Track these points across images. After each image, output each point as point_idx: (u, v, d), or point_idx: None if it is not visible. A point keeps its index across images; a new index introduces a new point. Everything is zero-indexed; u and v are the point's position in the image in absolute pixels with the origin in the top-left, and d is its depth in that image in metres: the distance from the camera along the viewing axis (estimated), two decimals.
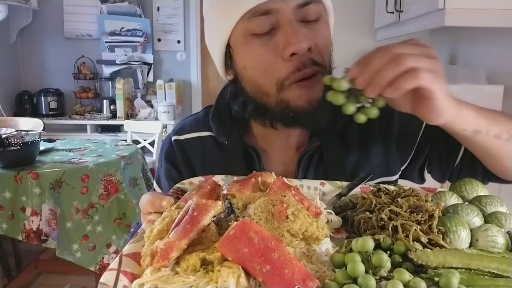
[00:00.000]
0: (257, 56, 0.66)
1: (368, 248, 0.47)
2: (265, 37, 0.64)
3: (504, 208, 0.61)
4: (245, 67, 0.69)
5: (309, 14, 0.64)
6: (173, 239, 0.45)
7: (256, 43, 0.65)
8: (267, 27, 0.64)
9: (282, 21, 0.63)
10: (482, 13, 1.75)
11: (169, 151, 0.85)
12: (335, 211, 0.67)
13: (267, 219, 0.50)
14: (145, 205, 0.60)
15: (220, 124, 0.80)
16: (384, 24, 2.72)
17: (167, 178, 0.84)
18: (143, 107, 3.37)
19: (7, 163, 1.86)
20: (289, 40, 0.62)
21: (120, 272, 0.44)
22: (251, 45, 0.66)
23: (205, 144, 0.82)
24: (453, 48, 2.56)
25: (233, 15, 0.65)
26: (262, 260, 0.42)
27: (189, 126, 0.85)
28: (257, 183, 0.63)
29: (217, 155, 0.81)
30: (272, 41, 0.64)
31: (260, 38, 0.65)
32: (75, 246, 1.88)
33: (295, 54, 0.63)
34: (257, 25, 0.64)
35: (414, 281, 0.42)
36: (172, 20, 3.51)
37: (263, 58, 0.65)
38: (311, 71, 0.65)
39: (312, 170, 0.77)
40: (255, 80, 0.69)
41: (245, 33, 0.65)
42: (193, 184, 0.70)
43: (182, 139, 0.84)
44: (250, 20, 0.64)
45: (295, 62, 0.64)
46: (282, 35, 0.63)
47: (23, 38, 3.52)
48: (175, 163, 0.84)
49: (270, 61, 0.65)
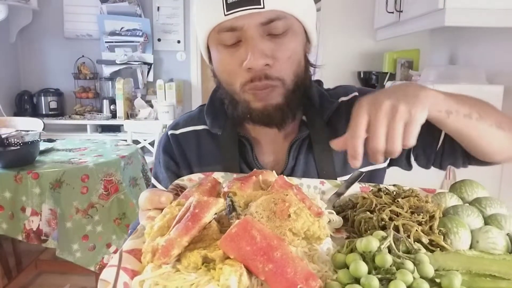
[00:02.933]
0: (224, 64, 0.74)
1: (372, 248, 0.46)
2: (232, 48, 0.71)
3: (503, 209, 0.61)
4: (217, 69, 0.77)
5: (274, 29, 0.69)
6: (174, 236, 0.45)
7: (224, 53, 0.73)
8: (234, 40, 0.70)
9: (245, 36, 0.69)
10: (482, 13, 1.75)
11: (166, 145, 0.89)
12: (335, 210, 0.67)
13: (269, 217, 0.49)
14: (144, 202, 0.60)
15: (215, 117, 0.84)
16: (384, 24, 2.72)
17: (166, 169, 0.87)
18: (143, 107, 3.37)
19: (7, 163, 1.86)
20: (247, 56, 0.69)
21: (120, 269, 0.44)
22: (220, 54, 0.74)
23: (200, 137, 0.86)
24: (453, 48, 2.56)
25: (205, 27, 0.73)
26: (265, 258, 0.41)
27: (184, 121, 0.90)
28: (258, 181, 0.63)
29: (212, 146, 0.85)
30: (237, 53, 0.71)
31: (228, 48, 0.72)
32: (75, 246, 1.88)
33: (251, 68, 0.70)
34: (225, 38, 0.71)
35: (417, 282, 0.42)
36: (172, 20, 3.51)
37: (229, 66, 0.73)
38: (262, 85, 0.72)
39: (301, 158, 0.81)
40: (224, 80, 0.77)
41: (216, 42, 0.73)
42: (193, 180, 0.70)
43: (178, 133, 0.88)
44: (219, 33, 0.71)
45: (251, 74, 0.71)
46: (243, 49, 0.70)
47: (23, 38, 3.52)
48: (173, 156, 0.87)
49: (234, 70, 0.73)
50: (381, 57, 3.03)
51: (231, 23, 0.68)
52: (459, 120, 0.64)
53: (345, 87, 0.88)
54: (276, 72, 0.71)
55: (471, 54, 2.33)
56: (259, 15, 0.67)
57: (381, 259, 0.45)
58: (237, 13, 0.67)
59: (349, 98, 0.85)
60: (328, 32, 2.97)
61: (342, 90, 0.87)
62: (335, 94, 0.86)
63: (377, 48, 3.09)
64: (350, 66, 3.11)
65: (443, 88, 2.11)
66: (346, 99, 0.85)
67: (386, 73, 2.82)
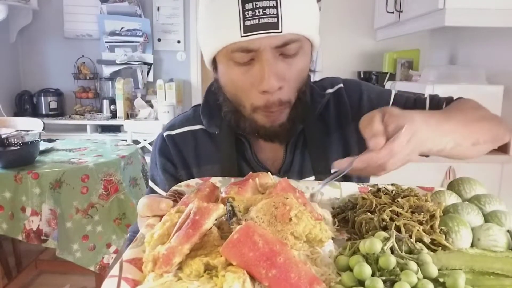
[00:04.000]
0: (235, 81, 0.73)
1: (375, 249, 0.46)
2: (245, 66, 0.70)
3: (503, 206, 0.61)
4: (225, 84, 0.76)
5: (288, 51, 0.69)
6: (175, 244, 0.44)
7: (236, 71, 0.71)
8: (247, 59, 0.69)
9: (260, 57, 0.68)
10: (482, 13, 1.75)
11: (162, 147, 0.88)
12: (335, 211, 0.67)
13: (270, 222, 0.49)
14: (143, 209, 0.59)
15: (211, 116, 0.85)
16: (384, 24, 2.72)
17: (163, 171, 0.87)
18: (143, 107, 3.36)
19: (7, 163, 1.85)
20: (263, 79, 0.68)
21: (121, 279, 0.43)
22: (231, 71, 0.72)
23: (197, 136, 0.86)
24: (453, 48, 2.56)
25: (216, 44, 0.71)
26: (268, 264, 0.41)
27: (179, 122, 0.89)
28: (255, 184, 0.63)
29: (209, 145, 0.85)
30: (250, 72, 0.70)
31: (240, 66, 0.70)
32: (75, 246, 1.88)
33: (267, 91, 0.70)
34: (238, 57, 0.69)
35: (422, 283, 0.42)
36: (172, 20, 3.51)
37: (241, 85, 0.72)
38: (276, 110, 0.73)
39: (298, 153, 0.83)
40: (232, 96, 0.76)
41: (227, 58, 0.71)
42: (190, 186, 0.70)
43: (174, 134, 0.88)
44: (232, 52, 0.69)
45: (265, 98, 0.71)
46: (259, 70, 0.69)
47: (23, 38, 3.52)
48: (169, 157, 0.87)
49: (247, 89, 0.72)
50: (381, 57, 3.03)
51: (247, 44, 0.67)
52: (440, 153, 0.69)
53: (331, 79, 0.90)
54: (286, 95, 0.73)
55: (471, 54, 2.33)
56: (276, 38, 0.67)
57: (385, 261, 0.44)
58: (254, 36, 0.66)
59: (335, 89, 0.87)
60: (328, 32, 2.97)
61: (328, 82, 0.89)
62: (321, 86, 0.87)
63: (377, 48, 3.09)
64: (350, 66, 3.11)
65: (443, 88, 2.11)
66: (332, 91, 0.87)
67: (386, 73, 2.82)
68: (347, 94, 0.87)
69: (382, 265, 0.45)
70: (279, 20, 0.65)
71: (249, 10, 0.65)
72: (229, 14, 0.66)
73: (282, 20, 0.66)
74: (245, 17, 0.65)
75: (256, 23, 0.65)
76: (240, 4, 0.66)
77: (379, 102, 0.86)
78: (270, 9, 0.66)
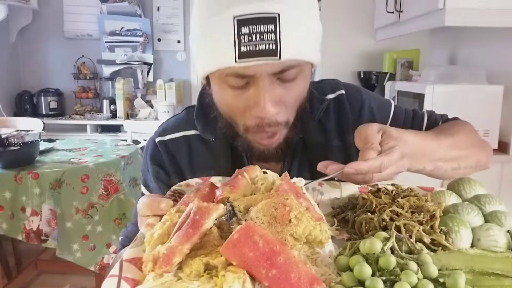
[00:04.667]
0: (229, 104, 0.69)
1: (376, 250, 0.46)
2: (240, 90, 0.66)
3: (502, 206, 0.61)
4: (218, 102, 0.73)
5: (286, 76, 0.65)
6: (175, 244, 0.44)
7: (229, 93, 0.68)
8: (242, 83, 0.65)
9: (256, 82, 0.64)
10: (482, 13, 1.75)
11: (154, 153, 0.84)
12: (335, 211, 0.67)
13: (269, 223, 0.49)
14: (143, 208, 0.59)
15: (205, 123, 0.81)
16: (384, 24, 2.72)
17: (156, 179, 0.84)
18: (143, 107, 3.36)
19: (7, 163, 1.85)
20: (259, 105, 0.64)
21: (121, 279, 0.43)
22: (225, 93, 0.68)
23: (191, 142, 0.82)
24: (453, 48, 2.56)
25: (208, 66, 0.66)
26: (268, 264, 0.41)
27: (172, 126, 0.85)
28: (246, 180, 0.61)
29: (204, 152, 0.81)
30: (245, 96, 0.66)
31: (234, 90, 0.67)
32: (75, 246, 1.88)
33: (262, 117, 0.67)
34: (232, 81, 0.65)
35: (422, 283, 0.42)
36: (172, 20, 3.51)
37: (235, 107, 0.69)
38: (272, 131, 0.69)
39: (296, 162, 0.80)
40: (225, 115, 0.73)
41: (221, 80, 0.67)
42: (190, 185, 0.69)
43: (167, 139, 0.83)
44: (227, 76, 0.65)
45: (260, 120, 0.68)
46: (254, 95, 0.65)
47: (23, 38, 3.52)
48: (162, 164, 0.83)
49: (240, 111, 0.69)
50: (381, 57, 3.03)
51: (242, 70, 0.63)
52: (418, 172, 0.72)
53: (331, 83, 0.87)
54: (284, 116, 0.69)
55: (471, 54, 2.33)
56: (273, 65, 0.63)
57: (385, 261, 0.44)
58: (249, 62, 0.61)
59: (336, 95, 0.84)
60: (328, 32, 2.96)
61: (328, 86, 0.86)
62: (321, 90, 0.84)
63: (377, 48, 3.09)
64: (350, 66, 3.11)
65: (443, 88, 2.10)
66: (333, 96, 0.84)
67: (386, 73, 2.82)
68: (349, 102, 0.84)
69: (382, 265, 0.45)
70: (278, 47, 0.61)
71: (245, 35, 0.60)
72: (224, 37, 0.62)
73: (280, 47, 0.61)
74: (240, 42, 0.61)
75: (252, 49, 0.61)
76: (235, 27, 0.61)
77: (379, 113, 0.85)
78: (268, 34, 0.61)
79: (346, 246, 0.51)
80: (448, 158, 0.74)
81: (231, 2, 0.61)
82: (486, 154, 0.83)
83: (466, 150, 0.78)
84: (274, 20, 0.60)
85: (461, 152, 0.76)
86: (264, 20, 0.60)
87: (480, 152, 0.81)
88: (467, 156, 0.77)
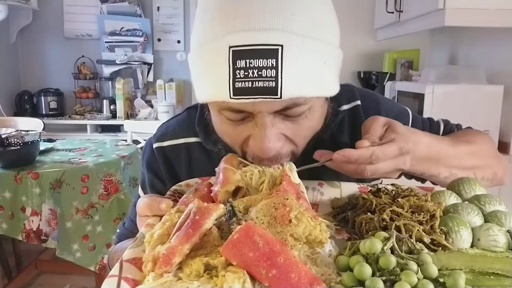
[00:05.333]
0: (228, 134, 0.64)
1: (376, 250, 0.46)
2: (238, 122, 0.61)
3: (502, 206, 0.61)
4: (216, 130, 0.68)
5: (291, 113, 0.59)
6: (175, 244, 0.44)
7: (227, 126, 0.62)
8: (240, 118, 0.59)
9: (256, 118, 0.58)
10: (482, 13, 1.75)
11: (150, 160, 0.80)
12: (335, 212, 0.67)
13: (269, 223, 0.49)
14: (142, 208, 0.58)
15: (207, 132, 0.75)
16: (384, 24, 2.72)
17: (151, 188, 0.80)
18: (143, 107, 3.36)
19: (7, 163, 1.86)
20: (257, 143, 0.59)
21: (121, 279, 0.43)
22: (222, 124, 0.63)
23: (192, 151, 0.77)
24: (453, 48, 2.56)
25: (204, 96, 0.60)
26: (268, 264, 0.41)
27: (172, 131, 0.79)
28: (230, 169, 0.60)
29: (205, 163, 0.76)
30: (244, 129, 0.60)
31: (232, 122, 0.61)
32: (75, 246, 1.88)
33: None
34: (229, 115, 0.60)
35: (422, 283, 0.42)
36: (172, 20, 3.51)
37: (232, 138, 0.64)
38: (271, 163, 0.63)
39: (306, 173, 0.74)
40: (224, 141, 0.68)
41: (217, 111, 0.61)
42: (190, 185, 0.69)
43: (166, 145, 0.78)
44: (222, 109, 0.59)
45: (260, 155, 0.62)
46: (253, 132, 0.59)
47: (23, 38, 3.51)
48: (158, 172, 0.79)
49: (238, 143, 0.63)
50: (381, 57, 3.03)
51: (238, 106, 0.56)
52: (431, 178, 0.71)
53: (346, 91, 0.79)
54: (289, 149, 0.63)
55: (471, 54, 2.33)
56: (274, 104, 0.55)
57: (385, 261, 0.44)
58: (245, 100, 0.54)
59: (352, 107, 0.79)
60: None
61: (344, 95, 0.78)
62: (335, 99, 0.73)
63: (377, 48, 3.09)
64: (350, 66, 3.11)
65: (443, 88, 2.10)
66: (348, 107, 0.78)
67: (386, 73, 2.82)
68: (365, 114, 0.77)
69: (382, 265, 0.45)
70: (279, 84, 0.53)
71: (241, 69, 0.53)
72: (218, 69, 0.54)
73: (282, 84, 0.53)
74: (235, 77, 0.53)
75: (248, 86, 0.53)
76: (230, 60, 0.53)
77: None
78: (267, 70, 0.52)
79: (346, 246, 0.51)
80: (464, 166, 0.70)
81: (228, 29, 0.54)
82: (503, 168, 0.78)
83: (483, 160, 0.74)
84: (275, 54, 0.52)
85: (478, 162, 0.72)
86: (264, 53, 0.52)
87: (497, 164, 0.77)
88: (483, 167, 0.73)
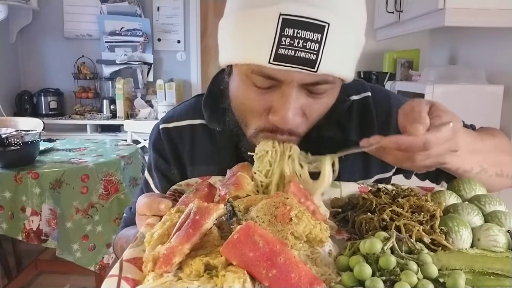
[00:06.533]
0: (248, 103, 0.65)
1: (376, 250, 0.46)
2: (262, 90, 0.62)
3: (502, 207, 0.61)
4: (235, 98, 0.68)
5: (316, 90, 0.61)
6: (175, 244, 0.44)
7: (251, 92, 0.63)
8: (268, 85, 0.61)
9: (283, 88, 0.60)
10: (482, 13, 1.75)
11: (156, 141, 0.82)
12: (335, 211, 0.67)
13: (270, 221, 0.49)
14: (142, 208, 0.59)
15: (213, 110, 0.76)
16: (384, 24, 2.72)
17: (156, 169, 0.82)
18: (143, 107, 3.36)
19: (7, 163, 1.86)
20: (280, 112, 0.60)
21: (121, 279, 0.44)
22: (246, 91, 0.64)
23: (195, 133, 0.79)
24: (453, 48, 2.56)
25: (238, 57, 0.61)
26: (268, 264, 0.41)
27: (179, 113, 0.82)
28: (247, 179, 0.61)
29: (208, 145, 0.78)
30: (267, 98, 0.62)
31: (257, 89, 0.62)
32: (75, 246, 1.88)
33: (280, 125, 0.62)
34: (258, 80, 0.61)
35: (422, 283, 0.42)
36: (172, 20, 3.51)
37: (252, 106, 0.64)
38: (282, 139, 0.64)
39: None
40: (238, 111, 0.69)
41: (245, 76, 0.62)
42: (190, 185, 0.69)
43: (171, 127, 0.80)
44: (253, 74, 0.60)
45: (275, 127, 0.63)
46: (277, 100, 0.61)
47: (23, 38, 3.51)
48: (163, 153, 0.81)
49: (256, 112, 0.64)
50: (381, 57, 3.03)
51: (272, 72, 0.58)
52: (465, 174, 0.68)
53: (357, 84, 0.80)
54: (301, 129, 0.65)
55: (471, 54, 2.33)
56: (307, 76, 0.58)
57: (385, 261, 0.44)
58: (283, 67, 0.56)
59: (361, 97, 0.79)
60: None
61: (353, 86, 0.78)
62: (344, 90, 0.73)
63: (377, 48, 3.09)
64: None
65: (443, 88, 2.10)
66: (358, 98, 0.79)
67: (386, 73, 2.83)
68: (375, 105, 0.78)
69: (382, 265, 0.45)
70: (318, 59, 0.56)
71: (287, 37, 0.55)
72: (263, 33, 0.56)
73: (321, 59, 0.56)
74: (280, 43, 0.55)
75: (290, 54, 0.55)
76: (279, 26, 0.55)
77: None
78: (311, 43, 0.55)
79: (346, 246, 0.51)
80: (493, 162, 0.68)
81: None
82: None
83: (509, 156, 0.72)
84: (322, 29, 0.55)
85: (505, 158, 0.71)
86: (312, 26, 0.55)
87: None
88: (509, 163, 0.70)
